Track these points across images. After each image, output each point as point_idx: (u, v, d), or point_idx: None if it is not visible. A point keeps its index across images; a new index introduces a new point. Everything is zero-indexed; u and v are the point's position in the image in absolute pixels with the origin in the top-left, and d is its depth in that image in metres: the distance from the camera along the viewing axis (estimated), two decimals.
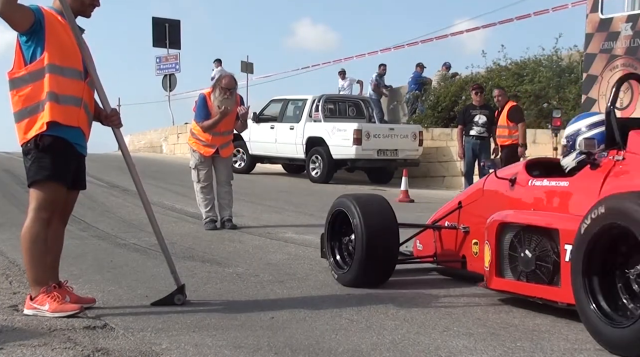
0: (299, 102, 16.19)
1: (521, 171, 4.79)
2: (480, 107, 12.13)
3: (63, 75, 4.07)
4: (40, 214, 4.12)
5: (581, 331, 3.89)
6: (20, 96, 4.09)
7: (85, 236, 7.79)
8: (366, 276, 4.97)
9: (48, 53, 4.03)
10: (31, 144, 4.09)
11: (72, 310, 4.10)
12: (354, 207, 5.05)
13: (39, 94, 4.04)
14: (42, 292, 4.12)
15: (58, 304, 4.09)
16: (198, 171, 8.20)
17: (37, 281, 4.16)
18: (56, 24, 4.10)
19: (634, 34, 10.16)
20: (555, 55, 16.39)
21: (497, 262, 4.48)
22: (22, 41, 4.08)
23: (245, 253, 6.64)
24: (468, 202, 5.23)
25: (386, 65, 19.95)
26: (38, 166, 4.09)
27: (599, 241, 3.61)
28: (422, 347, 3.57)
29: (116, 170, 17.05)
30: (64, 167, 4.14)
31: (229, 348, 3.54)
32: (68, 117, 4.09)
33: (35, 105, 4.05)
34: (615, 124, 4.22)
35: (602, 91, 10.55)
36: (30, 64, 4.06)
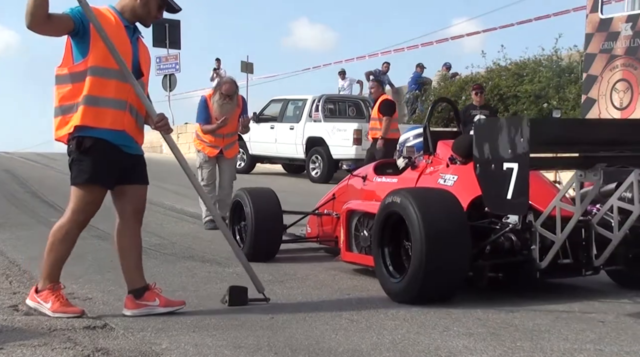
0: (299, 102, 16.18)
1: (370, 171, 6.11)
2: (481, 107, 12.13)
3: (106, 76, 4.03)
4: (76, 216, 4.13)
5: (581, 331, 3.90)
6: (59, 93, 4.08)
7: (85, 236, 7.74)
8: (255, 251, 5.99)
9: (92, 56, 4.00)
10: (72, 146, 4.08)
11: (73, 313, 4.08)
12: (247, 198, 6.19)
13: (77, 96, 4.01)
14: (49, 288, 4.11)
15: (61, 304, 4.08)
16: (202, 170, 8.28)
17: (49, 276, 4.15)
18: (107, 25, 4.03)
19: (634, 34, 10.15)
20: (555, 55, 16.40)
21: (347, 240, 5.55)
22: (72, 40, 4.05)
23: None
24: (339, 193, 6.41)
25: (389, 64, 20.00)
26: (78, 169, 4.09)
27: (387, 222, 4.73)
28: (422, 347, 3.57)
29: None
30: (105, 169, 4.11)
31: (229, 348, 3.54)
32: (103, 119, 4.04)
33: (70, 106, 4.04)
34: (429, 136, 5.57)
35: (602, 91, 10.55)
36: (75, 64, 4.04)
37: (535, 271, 4.59)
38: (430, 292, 4.44)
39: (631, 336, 3.83)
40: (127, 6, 4.17)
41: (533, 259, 4.56)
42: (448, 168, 5.26)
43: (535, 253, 4.54)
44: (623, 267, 4.87)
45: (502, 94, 16.30)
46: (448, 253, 4.33)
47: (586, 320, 4.16)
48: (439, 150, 5.48)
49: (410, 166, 5.64)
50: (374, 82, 11.85)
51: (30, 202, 11.09)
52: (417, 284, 4.39)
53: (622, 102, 10.27)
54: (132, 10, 4.17)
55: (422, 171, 5.48)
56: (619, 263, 4.80)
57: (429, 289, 4.43)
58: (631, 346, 3.64)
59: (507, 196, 3.93)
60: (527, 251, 4.58)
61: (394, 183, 5.62)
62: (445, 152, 5.37)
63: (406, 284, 4.47)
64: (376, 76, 19.49)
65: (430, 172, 5.39)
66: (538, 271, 4.59)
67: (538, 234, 4.53)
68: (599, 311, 4.39)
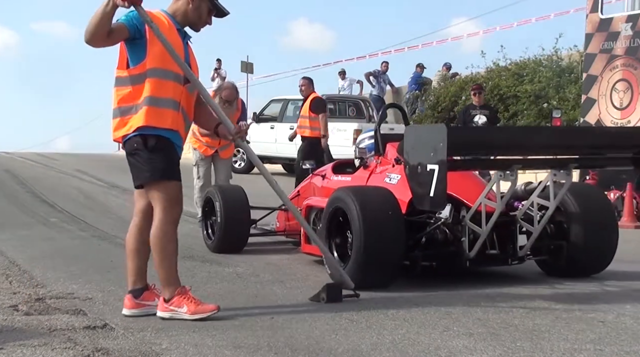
0: (299, 102, 16.17)
1: (329, 170, 6.58)
2: (480, 107, 12.10)
3: (164, 78, 4.06)
4: (171, 214, 4.10)
5: (581, 331, 3.90)
6: (119, 95, 4.10)
7: (85, 236, 7.79)
8: (224, 244, 6.58)
9: (149, 58, 4.03)
10: (138, 145, 4.07)
11: (211, 311, 4.08)
12: (217, 195, 6.69)
13: (137, 97, 4.04)
14: (178, 294, 4.09)
15: (196, 305, 4.07)
16: (198, 167, 8.40)
17: (170, 282, 4.12)
18: (160, 28, 4.04)
19: (634, 34, 10.16)
20: (555, 55, 16.39)
21: (306, 233, 5.68)
22: (126, 44, 4.07)
23: (245, 253, 6.64)
24: (303, 190, 6.83)
25: (388, 63, 19.96)
26: (152, 166, 4.06)
27: (334, 216, 5.17)
28: (422, 347, 3.57)
29: (116, 170, 17.03)
30: (175, 164, 4.16)
31: (229, 348, 3.54)
32: (165, 120, 4.07)
33: (130, 107, 4.07)
34: (379, 138, 6.01)
35: (602, 91, 10.56)
36: (133, 67, 4.06)
37: (465, 260, 5.10)
38: (369, 279, 4.83)
39: (631, 336, 3.83)
40: (179, 10, 4.21)
41: (463, 250, 5.08)
42: (394, 168, 5.64)
43: (465, 245, 5.07)
44: (547, 257, 5.45)
45: (502, 94, 16.30)
46: (384, 244, 4.78)
47: (586, 320, 4.16)
48: (387, 152, 5.90)
49: (362, 166, 6.12)
50: (305, 80, 11.52)
51: (30, 202, 11.09)
52: (358, 272, 4.81)
53: (622, 102, 10.28)
54: (183, 15, 4.21)
55: (373, 171, 5.94)
56: (544, 254, 5.43)
57: (368, 277, 4.83)
58: (631, 346, 3.64)
59: (430, 194, 4.32)
60: (458, 243, 5.10)
61: (348, 181, 6.07)
62: (392, 154, 5.76)
63: (348, 272, 4.81)
64: (376, 76, 19.51)
65: (380, 172, 5.82)
66: (468, 261, 5.09)
67: (467, 227, 5.05)
68: (599, 310, 4.39)
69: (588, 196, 5.53)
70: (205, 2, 4.23)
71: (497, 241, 5.20)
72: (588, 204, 5.37)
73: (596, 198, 5.61)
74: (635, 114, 10.07)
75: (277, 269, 5.80)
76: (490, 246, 5.17)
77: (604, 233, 5.38)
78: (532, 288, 5.09)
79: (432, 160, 4.29)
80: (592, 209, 5.37)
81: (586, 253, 5.30)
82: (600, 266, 5.47)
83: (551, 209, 5.00)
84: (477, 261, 5.13)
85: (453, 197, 5.15)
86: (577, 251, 5.29)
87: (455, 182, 5.08)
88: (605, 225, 5.41)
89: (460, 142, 4.52)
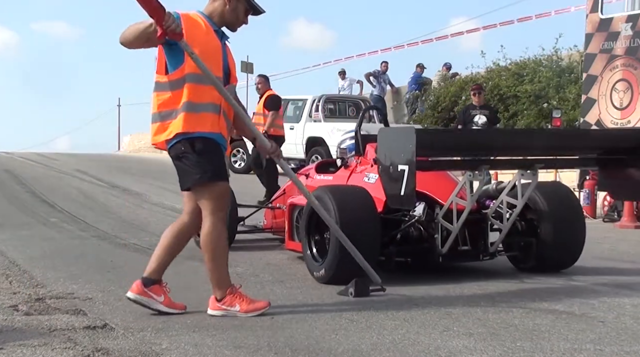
0: (299, 102, 16.18)
1: (312, 169, 6.85)
2: (480, 107, 12.10)
3: (202, 82, 4.07)
4: (219, 215, 4.16)
5: (581, 331, 3.90)
6: (158, 100, 4.14)
7: (85, 236, 7.79)
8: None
9: (188, 64, 4.04)
10: (186, 148, 4.10)
11: (262, 307, 4.18)
12: None
13: (176, 103, 4.07)
14: (229, 294, 4.19)
15: (247, 304, 4.16)
16: None
17: (222, 282, 4.21)
18: (197, 29, 4.10)
19: (634, 34, 10.16)
20: (555, 55, 16.40)
21: (289, 230, 6.06)
22: (164, 48, 4.09)
23: (245, 253, 6.64)
24: (288, 189, 6.97)
25: (388, 63, 19.94)
26: (202, 169, 4.10)
27: (312, 215, 5.31)
28: (422, 347, 3.57)
29: (116, 170, 17.04)
30: (222, 164, 4.22)
31: (229, 348, 3.54)
32: (204, 124, 4.10)
33: (169, 112, 4.10)
34: (359, 139, 6.20)
35: (602, 91, 10.55)
36: (172, 72, 4.08)
37: (438, 256, 5.33)
38: (345, 274, 4.91)
39: (631, 336, 3.83)
40: (216, 11, 4.23)
41: (436, 246, 5.31)
42: (372, 168, 5.77)
43: (438, 241, 5.30)
44: (518, 254, 5.71)
45: (502, 94, 16.31)
46: (360, 241, 4.84)
47: (586, 320, 4.16)
48: (367, 152, 6.05)
49: (343, 166, 6.36)
50: (261, 78, 11.47)
51: (30, 202, 11.09)
52: (334, 267, 5.02)
53: (622, 102, 10.28)
54: (220, 15, 4.23)
55: (353, 170, 6.15)
56: (515, 250, 5.69)
57: (344, 272, 4.94)
58: (631, 346, 3.64)
59: (400, 193, 4.51)
60: (431, 239, 5.34)
61: (330, 180, 6.30)
62: (372, 154, 5.83)
63: (326, 267, 5.09)
64: (376, 77, 19.49)
65: (360, 171, 6.03)
66: (440, 256, 5.33)
67: (440, 225, 5.29)
68: (599, 310, 4.39)
69: (557, 194, 5.77)
70: (242, 3, 4.25)
71: (469, 237, 5.44)
72: (556, 202, 5.61)
73: (564, 196, 5.83)
74: (635, 114, 10.07)
75: (277, 269, 5.80)
76: (462, 243, 5.40)
77: (571, 230, 5.61)
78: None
79: (402, 161, 4.49)
80: (561, 207, 5.60)
81: (555, 249, 5.54)
82: (568, 261, 5.71)
83: (519, 207, 5.24)
84: (449, 257, 5.37)
85: (427, 195, 5.42)
86: (546, 247, 5.53)
87: (430, 181, 5.46)
88: (572, 222, 5.64)
89: (428, 144, 4.79)
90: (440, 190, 5.49)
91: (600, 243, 7.72)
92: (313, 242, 5.43)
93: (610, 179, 5.46)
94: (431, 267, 5.52)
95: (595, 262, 6.36)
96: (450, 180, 5.78)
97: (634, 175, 5.18)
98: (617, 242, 7.88)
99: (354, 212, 5.02)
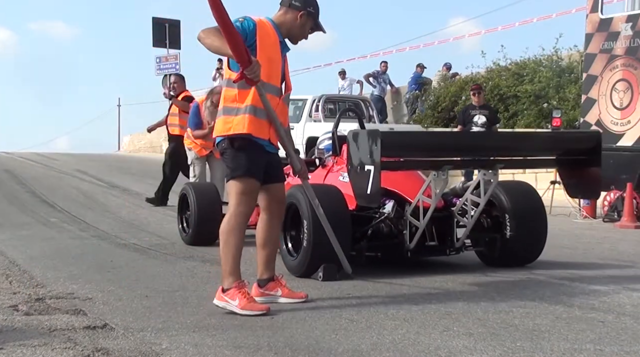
0: (299, 102, 16.17)
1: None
2: (480, 107, 12.13)
3: (264, 90, 4.23)
4: (238, 209, 4.31)
5: (581, 331, 3.90)
6: (226, 95, 4.34)
7: (85, 236, 7.79)
8: (198, 237, 7.14)
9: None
10: (226, 144, 4.33)
11: (260, 310, 4.19)
12: (191, 192, 7.33)
13: (242, 101, 4.25)
14: (235, 287, 4.24)
15: (247, 301, 4.21)
16: (194, 166, 8.86)
17: (230, 273, 4.28)
18: (268, 39, 4.30)
19: (634, 34, 10.15)
20: (556, 55, 16.39)
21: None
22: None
23: (245, 253, 6.60)
24: None
25: (387, 63, 19.92)
26: (235, 164, 4.31)
27: (288, 211, 5.40)
28: (422, 347, 3.57)
29: (116, 170, 17.05)
30: (256, 164, 4.33)
31: (229, 348, 3.54)
32: (261, 130, 4.30)
33: (234, 109, 4.28)
34: (336, 140, 6.48)
35: (602, 91, 10.55)
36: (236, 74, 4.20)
37: (406, 251, 5.60)
38: (317, 267, 5.28)
39: (631, 336, 3.83)
40: (286, 23, 4.42)
41: (404, 241, 5.58)
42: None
43: (406, 237, 5.58)
44: (483, 249, 6.01)
45: (502, 94, 16.31)
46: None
47: (586, 320, 4.16)
48: (343, 152, 6.16)
49: (321, 165, 6.65)
50: (177, 77, 11.27)
51: (30, 202, 11.10)
52: (307, 261, 5.30)
53: (622, 102, 10.28)
54: (289, 29, 4.43)
55: (330, 169, 6.44)
56: (481, 245, 5.99)
57: (317, 265, 5.28)
58: (631, 346, 3.63)
59: (367, 191, 4.72)
60: (400, 235, 5.63)
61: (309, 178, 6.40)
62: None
63: (299, 261, 5.39)
64: (376, 77, 19.49)
65: (336, 170, 6.29)
66: (409, 251, 5.59)
67: (408, 221, 5.57)
68: (599, 310, 4.40)
69: (520, 192, 6.09)
70: (310, 20, 4.46)
71: (437, 233, 5.71)
72: (519, 199, 5.92)
73: (527, 194, 6.13)
74: (635, 114, 10.06)
75: (277, 269, 5.79)
76: (429, 238, 5.68)
77: (533, 226, 5.91)
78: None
79: (368, 161, 4.71)
80: (523, 204, 5.90)
81: (518, 244, 5.83)
82: (531, 256, 6.00)
83: (482, 204, 5.52)
84: (417, 252, 5.65)
85: (397, 194, 5.75)
86: (510, 243, 5.82)
87: (400, 180, 5.83)
88: (534, 218, 5.93)
89: (393, 145, 5.05)
90: (409, 189, 5.76)
91: (600, 243, 7.73)
92: (289, 238, 5.68)
93: (568, 179, 5.68)
94: (400, 261, 5.81)
95: (596, 262, 6.37)
96: (419, 179, 6.00)
97: (588, 175, 5.47)
98: (617, 242, 7.88)
99: (326, 209, 5.13)
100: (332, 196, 5.48)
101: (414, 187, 5.74)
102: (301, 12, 4.40)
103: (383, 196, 5.59)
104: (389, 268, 5.76)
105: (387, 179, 5.58)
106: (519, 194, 5.99)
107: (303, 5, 4.40)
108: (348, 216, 5.40)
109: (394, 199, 5.67)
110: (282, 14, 4.43)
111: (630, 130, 10.10)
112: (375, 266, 5.84)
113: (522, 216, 5.83)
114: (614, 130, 10.29)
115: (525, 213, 5.87)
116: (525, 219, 5.84)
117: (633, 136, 10.04)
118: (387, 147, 4.75)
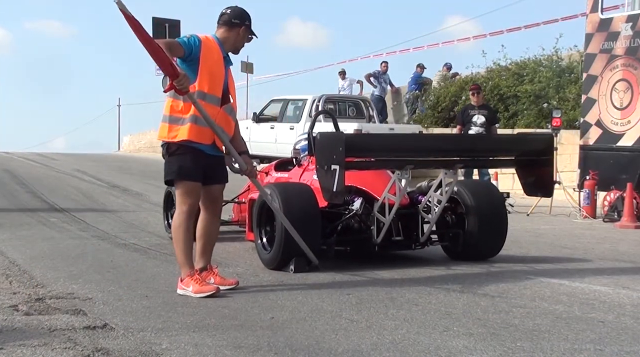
0: (299, 102, 16.15)
1: (272, 168, 7.61)
2: (479, 107, 12.10)
3: (205, 100, 4.70)
4: (181, 208, 4.82)
5: (581, 331, 3.90)
6: (171, 105, 4.75)
7: (85, 236, 7.79)
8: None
9: (199, 81, 4.70)
10: (164, 150, 4.83)
11: (209, 291, 4.67)
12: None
13: (186, 112, 4.70)
14: (188, 275, 4.76)
15: (200, 285, 4.71)
16: None
17: (183, 264, 4.81)
18: (211, 55, 4.77)
19: (634, 34, 10.16)
20: (556, 55, 16.39)
21: (249, 223, 6.53)
22: (179, 63, 4.67)
23: (245, 253, 6.64)
24: (252, 186, 7.09)
25: (388, 63, 19.90)
26: (168, 168, 4.83)
27: (263, 208, 5.93)
28: (422, 347, 3.57)
29: (116, 170, 17.05)
30: (191, 167, 4.75)
31: (229, 348, 3.54)
32: (202, 136, 4.74)
33: (178, 118, 4.73)
34: (311, 140, 6.59)
35: (602, 91, 10.55)
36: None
37: (374, 245, 5.96)
38: (289, 260, 5.59)
39: (631, 336, 3.83)
40: (229, 39, 4.92)
41: (372, 236, 5.93)
42: None
43: (374, 232, 5.93)
44: (448, 244, 6.34)
45: (502, 94, 16.30)
46: (302, 230, 5.34)
47: (586, 320, 4.16)
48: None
49: (297, 164, 7.04)
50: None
51: (30, 202, 11.09)
52: (280, 255, 5.60)
53: (622, 102, 10.28)
54: (234, 43, 4.95)
55: (305, 168, 6.77)
56: (446, 240, 6.34)
57: (289, 259, 5.59)
58: (631, 346, 3.64)
59: (333, 189, 5.07)
60: (368, 231, 5.97)
61: (286, 177, 7.03)
62: None
63: (273, 254, 5.69)
64: (376, 77, 19.48)
65: (311, 169, 6.52)
66: (376, 246, 5.94)
67: (375, 217, 5.92)
68: (599, 310, 4.40)
69: (482, 190, 6.46)
70: (248, 31, 4.98)
71: (403, 229, 6.08)
72: (482, 197, 6.25)
73: (489, 193, 6.50)
74: (635, 114, 10.07)
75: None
76: (395, 233, 6.04)
77: (494, 222, 6.22)
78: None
79: (334, 161, 5.08)
80: (485, 202, 6.23)
81: (479, 240, 6.17)
82: (492, 250, 6.33)
83: (443, 202, 5.93)
84: (384, 246, 6.01)
85: (365, 192, 6.10)
86: (472, 238, 6.16)
87: (368, 179, 6.20)
88: (495, 215, 6.25)
89: (356, 146, 5.48)
90: (377, 187, 6.10)
91: (600, 243, 7.73)
92: (263, 233, 5.99)
93: (525, 178, 5.99)
94: (368, 255, 6.15)
95: (595, 262, 6.38)
96: (387, 178, 6.24)
97: (542, 175, 5.89)
98: (617, 242, 7.88)
99: (297, 206, 5.59)
100: (303, 193, 5.82)
101: (382, 185, 6.05)
102: (242, 28, 4.93)
103: (352, 194, 6.02)
104: (389, 268, 5.77)
105: (356, 177, 6.10)
106: (481, 193, 6.33)
107: (241, 21, 4.93)
108: (318, 212, 5.70)
109: (362, 197, 5.99)
110: (224, 32, 4.92)
111: (630, 130, 10.11)
112: (375, 266, 5.85)
113: (483, 213, 6.15)
114: (614, 130, 10.30)
115: (487, 210, 6.19)
116: (487, 216, 6.16)
117: (633, 136, 10.04)
118: (351, 149, 5.21)
